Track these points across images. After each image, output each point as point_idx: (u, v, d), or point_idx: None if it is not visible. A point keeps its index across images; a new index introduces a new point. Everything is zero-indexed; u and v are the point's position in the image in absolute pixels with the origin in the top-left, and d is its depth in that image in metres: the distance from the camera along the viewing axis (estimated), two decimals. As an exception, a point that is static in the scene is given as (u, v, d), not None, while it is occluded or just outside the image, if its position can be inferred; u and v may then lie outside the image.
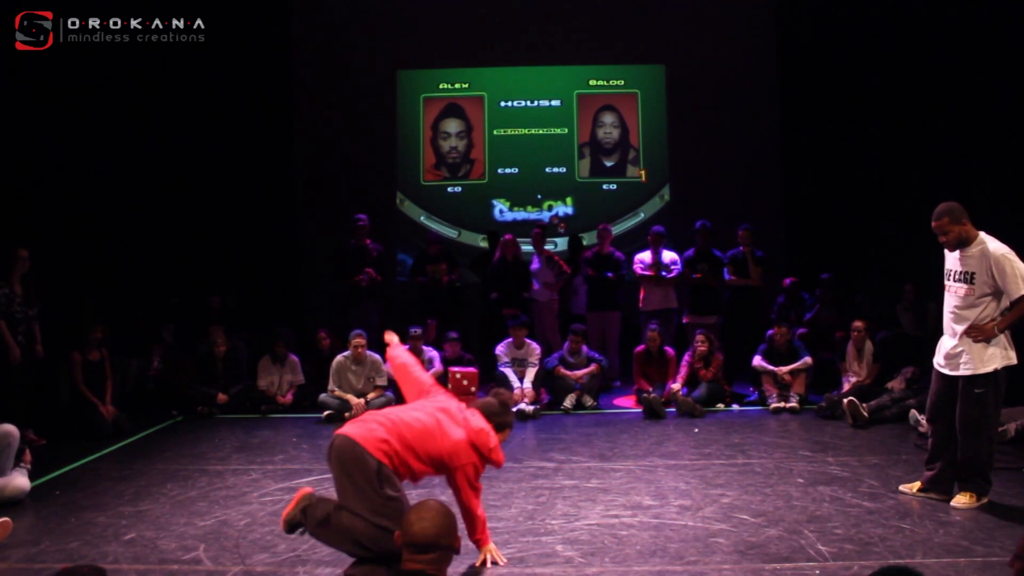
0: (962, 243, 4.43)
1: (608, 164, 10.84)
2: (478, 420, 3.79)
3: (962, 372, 4.43)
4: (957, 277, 4.47)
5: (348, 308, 8.61)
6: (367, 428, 3.57)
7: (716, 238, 8.48)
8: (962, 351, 4.43)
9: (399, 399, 7.48)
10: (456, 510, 3.26)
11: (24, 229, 7.48)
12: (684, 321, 8.45)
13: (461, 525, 3.16)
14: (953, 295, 4.50)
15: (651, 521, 4.35)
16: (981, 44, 8.69)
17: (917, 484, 4.72)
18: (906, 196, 9.21)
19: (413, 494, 4.75)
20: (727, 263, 8.33)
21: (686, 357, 7.69)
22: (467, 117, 10.89)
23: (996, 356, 4.38)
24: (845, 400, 6.69)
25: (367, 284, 8.52)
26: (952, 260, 4.53)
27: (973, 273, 4.38)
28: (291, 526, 3.63)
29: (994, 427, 4.58)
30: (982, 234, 4.42)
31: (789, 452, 5.81)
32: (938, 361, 4.60)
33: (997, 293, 4.36)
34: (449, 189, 10.86)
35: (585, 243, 10.01)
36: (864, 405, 6.62)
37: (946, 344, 4.56)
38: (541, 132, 10.85)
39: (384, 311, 8.89)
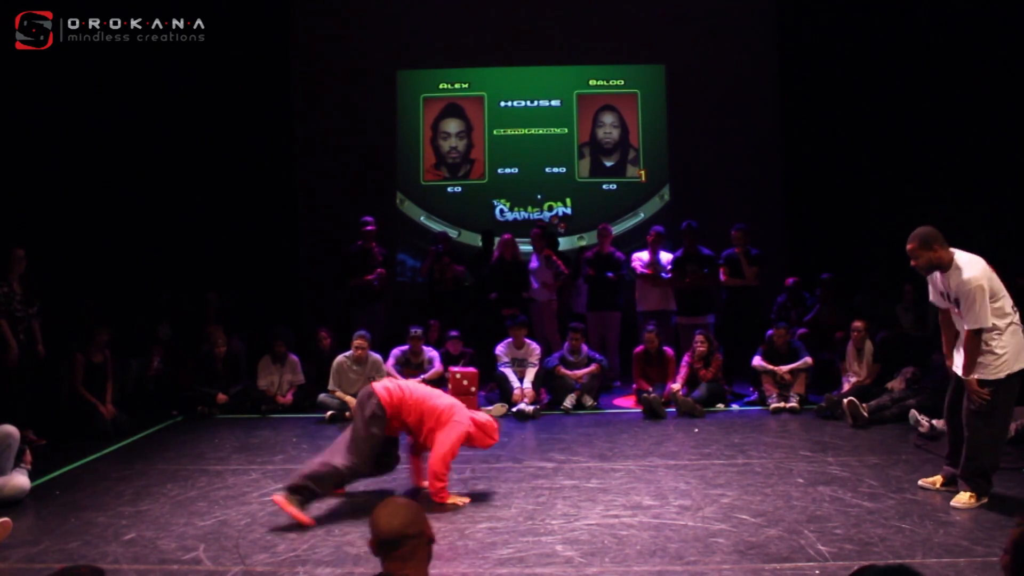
0: (935, 268, 4.46)
1: (608, 164, 10.84)
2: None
3: (974, 375, 4.44)
4: (949, 299, 4.52)
5: (355, 310, 8.62)
6: (384, 383, 4.82)
7: (702, 237, 8.43)
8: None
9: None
10: None
11: (24, 229, 7.49)
12: (675, 322, 8.45)
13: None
14: (954, 315, 4.56)
15: (651, 521, 4.34)
16: (982, 44, 8.69)
17: (939, 479, 4.76)
18: (907, 196, 9.22)
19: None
20: (721, 263, 8.30)
21: (686, 357, 7.68)
22: (467, 117, 10.89)
23: (1008, 364, 4.40)
24: (845, 400, 6.69)
25: (379, 285, 8.56)
26: (941, 283, 4.54)
27: (957, 298, 4.43)
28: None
29: (1002, 428, 4.58)
30: (956, 257, 4.41)
31: (789, 452, 5.80)
32: (956, 363, 4.64)
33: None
34: (449, 189, 10.86)
35: (585, 243, 10.02)
36: (864, 405, 6.61)
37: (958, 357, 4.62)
38: (541, 132, 10.85)
39: (389, 312, 8.92)
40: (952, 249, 4.44)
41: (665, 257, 8.44)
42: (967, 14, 8.72)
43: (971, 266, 4.36)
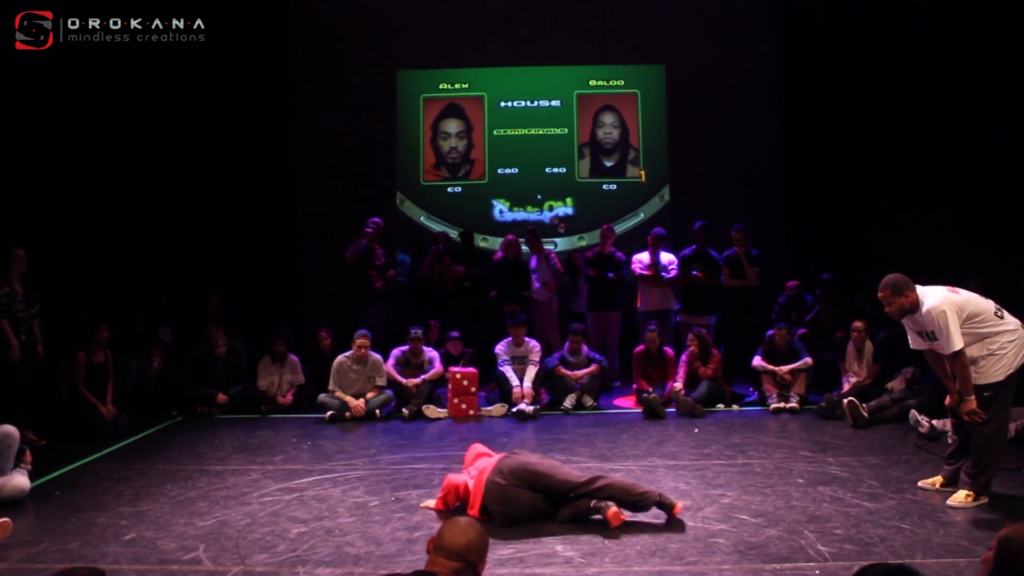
0: (906, 313, 4.53)
1: (608, 164, 10.85)
2: None
3: (971, 396, 4.48)
4: (926, 335, 4.57)
5: (356, 309, 8.63)
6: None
7: (714, 239, 8.47)
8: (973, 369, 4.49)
9: (400, 399, 7.53)
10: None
11: (24, 229, 7.48)
12: (676, 321, 8.45)
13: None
14: (936, 349, 4.61)
15: (651, 521, 4.34)
16: (982, 45, 8.68)
17: (939, 479, 4.77)
18: (907, 196, 9.21)
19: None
20: (723, 265, 8.30)
21: (683, 357, 7.68)
22: (467, 117, 10.89)
23: (1004, 368, 4.44)
24: (845, 400, 6.69)
25: (383, 288, 8.57)
26: (915, 323, 4.59)
27: (932, 331, 4.48)
28: None
29: (1002, 430, 4.59)
30: (919, 293, 4.48)
31: (789, 452, 5.80)
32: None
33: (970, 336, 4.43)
34: (449, 189, 10.86)
35: (585, 243, 10.02)
36: (864, 405, 6.62)
37: None
38: (541, 132, 10.85)
39: (389, 312, 8.92)
40: (916, 286, 4.52)
41: (665, 258, 8.44)
42: (968, 14, 8.71)
43: (931, 296, 4.46)
